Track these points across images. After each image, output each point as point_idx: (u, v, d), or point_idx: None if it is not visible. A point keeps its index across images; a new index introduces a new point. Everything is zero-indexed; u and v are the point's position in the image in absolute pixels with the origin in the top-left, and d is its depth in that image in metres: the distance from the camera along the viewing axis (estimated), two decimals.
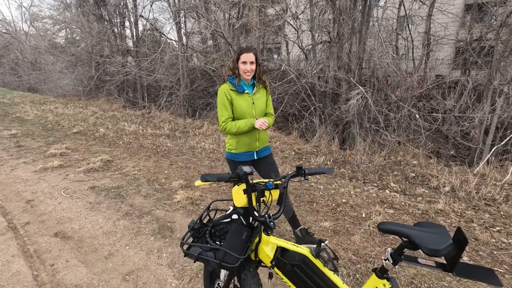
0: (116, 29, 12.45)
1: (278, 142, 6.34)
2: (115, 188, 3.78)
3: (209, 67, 9.04)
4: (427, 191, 4.02)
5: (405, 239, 1.10)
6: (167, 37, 11.20)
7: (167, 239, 2.64)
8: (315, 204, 3.53)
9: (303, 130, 6.91)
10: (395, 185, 4.16)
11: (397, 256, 1.13)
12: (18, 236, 2.62)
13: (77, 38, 15.04)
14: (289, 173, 1.45)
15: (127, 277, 2.13)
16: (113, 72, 10.82)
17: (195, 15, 9.45)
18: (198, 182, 1.27)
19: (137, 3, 11.54)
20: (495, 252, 2.66)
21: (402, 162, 5.17)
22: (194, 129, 7.51)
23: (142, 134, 6.96)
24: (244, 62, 2.03)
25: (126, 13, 11.97)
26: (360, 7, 6.23)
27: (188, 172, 4.53)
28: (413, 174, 4.61)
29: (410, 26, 8.60)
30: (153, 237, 2.67)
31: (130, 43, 12.48)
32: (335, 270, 1.27)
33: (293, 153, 5.65)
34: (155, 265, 2.26)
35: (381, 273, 1.20)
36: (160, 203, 3.41)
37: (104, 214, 3.07)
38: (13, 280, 2.04)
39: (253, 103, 2.15)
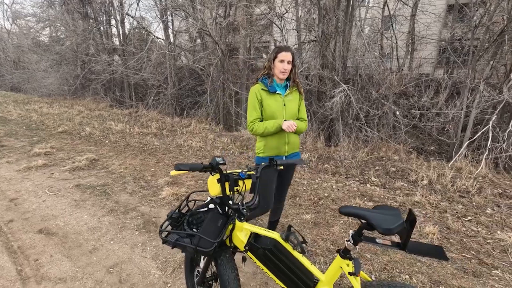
0: (102, 28, 12.30)
1: None
2: (100, 186, 3.80)
3: (197, 66, 9.06)
4: (406, 185, 4.19)
5: (363, 221, 1.21)
6: (154, 36, 11.15)
7: (151, 234, 2.70)
8: (298, 198, 3.64)
9: None
10: (376, 179, 4.32)
11: (357, 237, 1.24)
12: (2, 233, 2.62)
13: (61, 36, 14.76)
14: (262, 164, 1.54)
15: (111, 269, 2.18)
16: (100, 71, 10.70)
17: (182, 13, 9.44)
18: (173, 172, 1.35)
19: (123, 1, 11.44)
20: (464, 240, 2.83)
21: (384, 158, 5.35)
22: (181, 128, 7.53)
23: (129, 133, 6.94)
24: (282, 61, 1.99)
25: (112, 11, 11.84)
26: (344, 7, 6.38)
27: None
28: (393, 169, 4.78)
29: (394, 25, 8.83)
30: (137, 232, 2.72)
31: (117, 42, 12.36)
32: (303, 252, 1.38)
33: None
34: (139, 258, 2.33)
35: (344, 253, 1.30)
36: (145, 199, 3.46)
37: (89, 211, 3.10)
38: None
39: (284, 105, 2.06)
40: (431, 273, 2.30)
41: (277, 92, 2.06)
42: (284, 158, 2.12)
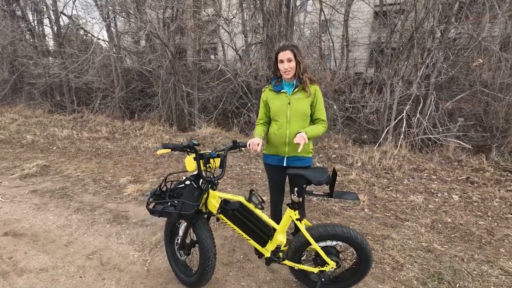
0: (33, 28, 11.33)
1: (220, 137, 6.79)
2: (59, 190, 3.79)
3: (146, 68, 9.00)
4: (344, 167, 4.93)
5: (303, 179, 1.69)
6: (95, 37, 10.68)
7: (123, 225, 2.90)
8: (254, 185, 4.10)
9: (243, 126, 7.49)
10: (319, 164, 5.00)
11: (300, 191, 1.72)
12: None
13: None
14: (228, 145, 1.94)
15: (91, 256, 2.37)
16: (35, 74, 9.91)
17: (126, 15, 9.27)
18: (159, 151, 1.67)
19: None
20: (386, 204, 3.57)
21: (326, 147, 6.11)
22: (134, 130, 7.49)
23: (78, 138, 6.71)
24: (281, 61, 1.93)
25: (45, 9, 11.00)
26: (285, 14, 7.04)
27: (134, 169, 4.69)
28: (334, 155, 5.54)
29: (329, 30, 9.87)
30: (109, 225, 2.90)
31: (52, 43, 11.50)
32: (262, 209, 1.82)
33: None
34: (116, 245, 2.54)
35: (292, 205, 1.77)
36: (110, 197, 3.58)
37: (54, 212, 3.15)
38: None
39: (289, 103, 1.97)
40: (361, 228, 2.94)
41: (282, 91, 2.01)
42: (284, 159, 2.05)
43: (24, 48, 10.86)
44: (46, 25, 11.51)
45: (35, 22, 11.40)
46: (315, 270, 1.85)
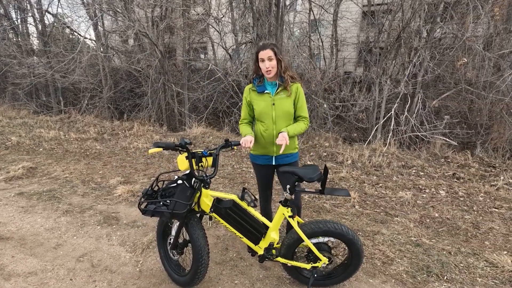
0: (16, 26, 11.02)
1: (211, 137, 6.77)
2: (47, 192, 3.71)
3: (134, 68, 8.88)
4: (335, 165, 4.99)
5: (295, 176, 1.71)
6: (82, 36, 10.46)
7: (114, 226, 2.86)
8: (246, 184, 4.11)
9: (234, 125, 7.48)
10: (310, 162, 5.04)
11: (292, 188, 1.74)
12: None
13: None
14: (220, 144, 1.94)
15: (81, 258, 2.33)
16: (19, 74, 9.65)
17: (114, 13, 9.11)
18: (151, 150, 1.65)
19: None
20: (376, 200, 3.63)
21: (317, 145, 6.17)
22: (124, 131, 7.38)
23: (66, 140, 6.58)
24: (262, 60, 1.91)
25: (29, 8, 10.72)
26: (274, 13, 7.06)
27: (124, 170, 4.63)
28: (325, 154, 5.59)
29: (319, 29, 9.95)
30: (99, 226, 2.86)
31: (36, 42, 11.21)
32: (255, 207, 1.83)
33: None
34: (106, 246, 2.51)
35: (284, 203, 1.79)
36: (100, 199, 3.53)
37: (42, 214, 3.08)
38: None
39: (273, 104, 1.97)
40: (352, 224, 2.99)
41: (265, 91, 2.00)
42: (273, 158, 2.07)
43: (7, 47, 10.55)
44: (30, 24, 11.21)
45: (19, 20, 11.08)
46: (308, 266, 1.87)
